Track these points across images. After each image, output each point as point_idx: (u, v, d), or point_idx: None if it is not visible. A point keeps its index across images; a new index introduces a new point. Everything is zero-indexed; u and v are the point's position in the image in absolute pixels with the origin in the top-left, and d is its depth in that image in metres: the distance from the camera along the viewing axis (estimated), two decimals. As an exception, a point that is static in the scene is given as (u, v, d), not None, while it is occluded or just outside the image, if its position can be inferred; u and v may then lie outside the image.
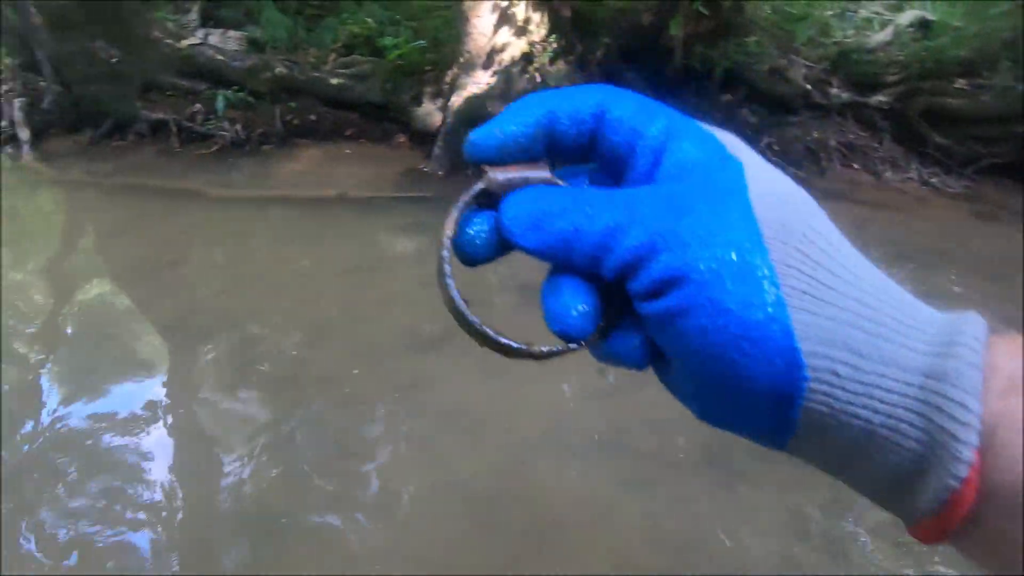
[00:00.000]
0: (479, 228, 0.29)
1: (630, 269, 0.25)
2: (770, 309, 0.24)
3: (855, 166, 5.28)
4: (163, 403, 2.34)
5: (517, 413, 2.28)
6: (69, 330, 2.86)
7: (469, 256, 0.30)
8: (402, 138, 5.53)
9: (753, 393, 0.24)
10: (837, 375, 0.24)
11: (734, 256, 0.24)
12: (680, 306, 0.24)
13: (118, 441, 2.12)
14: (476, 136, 0.30)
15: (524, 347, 0.29)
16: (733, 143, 0.28)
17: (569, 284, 0.28)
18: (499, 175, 0.29)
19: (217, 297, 3.10)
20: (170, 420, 2.25)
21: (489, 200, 0.30)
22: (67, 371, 2.57)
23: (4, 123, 5.77)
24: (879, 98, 5.44)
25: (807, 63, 5.54)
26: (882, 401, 0.24)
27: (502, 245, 0.30)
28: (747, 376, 0.24)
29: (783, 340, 0.24)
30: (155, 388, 2.43)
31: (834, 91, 5.49)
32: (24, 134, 5.59)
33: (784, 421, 0.25)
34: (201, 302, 3.06)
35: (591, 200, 0.27)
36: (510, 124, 0.29)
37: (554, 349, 0.29)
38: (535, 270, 0.32)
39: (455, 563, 1.73)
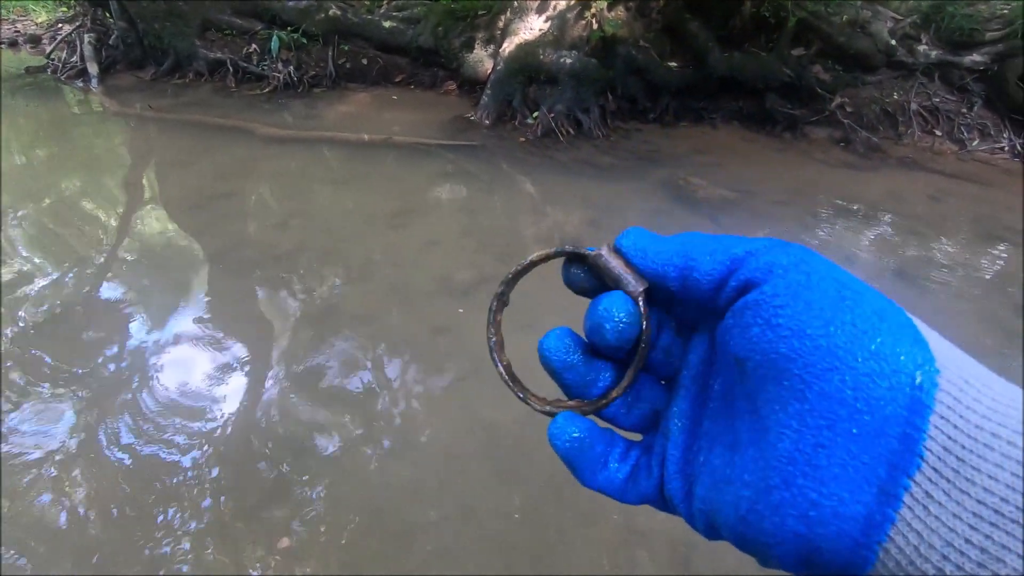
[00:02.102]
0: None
1: (742, 263, 0.24)
2: (886, 303, 0.22)
3: (937, 133, 4.85)
4: (205, 329, 2.43)
5: (545, 365, 2.26)
6: (127, 254, 3.01)
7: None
8: (451, 85, 5.43)
9: (865, 398, 0.20)
10: (968, 383, 0.20)
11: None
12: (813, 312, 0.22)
13: (162, 363, 2.23)
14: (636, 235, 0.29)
15: (543, 408, 0.32)
16: None
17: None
18: (611, 258, 0.29)
19: (263, 231, 3.17)
20: (210, 346, 2.35)
21: (582, 265, 0.31)
22: (122, 293, 2.70)
23: (75, 58, 5.99)
24: (973, 58, 4.92)
25: (894, 15, 5.04)
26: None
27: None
28: (863, 379, 0.20)
29: (913, 335, 0.21)
30: (199, 314, 2.53)
31: (922, 48, 4.99)
32: (93, 68, 5.80)
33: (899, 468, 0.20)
34: (248, 235, 3.14)
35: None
36: (650, 253, 0.29)
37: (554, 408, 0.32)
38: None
39: (473, 504, 1.75)
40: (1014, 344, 2.60)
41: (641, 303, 0.28)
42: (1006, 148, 4.72)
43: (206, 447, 1.90)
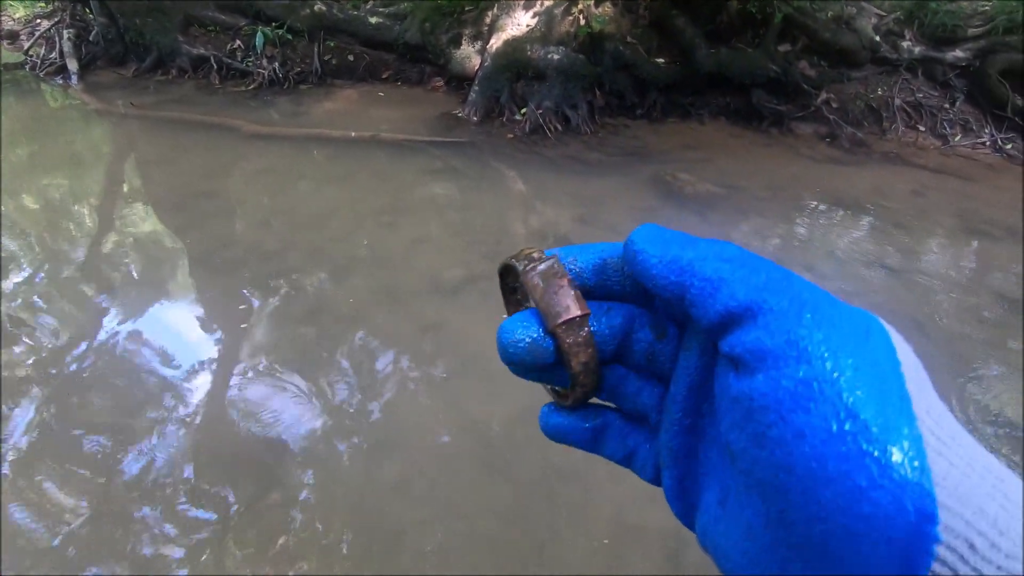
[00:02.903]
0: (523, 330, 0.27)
1: (742, 318, 0.22)
2: (906, 432, 0.19)
3: (921, 128, 4.90)
4: (189, 328, 2.40)
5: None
6: (108, 253, 2.96)
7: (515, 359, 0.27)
8: (438, 81, 5.40)
9: (856, 541, 0.19)
10: (973, 548, 0.18)
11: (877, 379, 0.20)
12: (804, 391, 0.20)
13: (145, 361, 2.20)
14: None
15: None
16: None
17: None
18: (541, 278, 0.26)
19: (248, 230, 3.14)
20: (194, 345, 2.32)
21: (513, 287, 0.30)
22: (104, 290, 2.66)
23: (54, 54, 5.88)
24: (956, 54, 4.99)
25: (878, 11, 5.09)
26: None
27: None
28: (856, 516, 0.18)
29: (917, 476, 0.18)
30: (185, 315, 2.50)
31: (906, 44, 5.04)
32: (73, 65, 5.69)
33: None
34: (233, 234, 3.10)
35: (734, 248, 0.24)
36: (591, 256, 0.28)
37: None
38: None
39: (461, 504, 1.74)
40: (997, 335, 2.64)
41: (562, 336, 0.25)
42: (987, 143, 4.78)
43: (191, 447, 1.88)
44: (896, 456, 0.18)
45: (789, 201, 3.84)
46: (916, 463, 0.18)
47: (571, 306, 0.25)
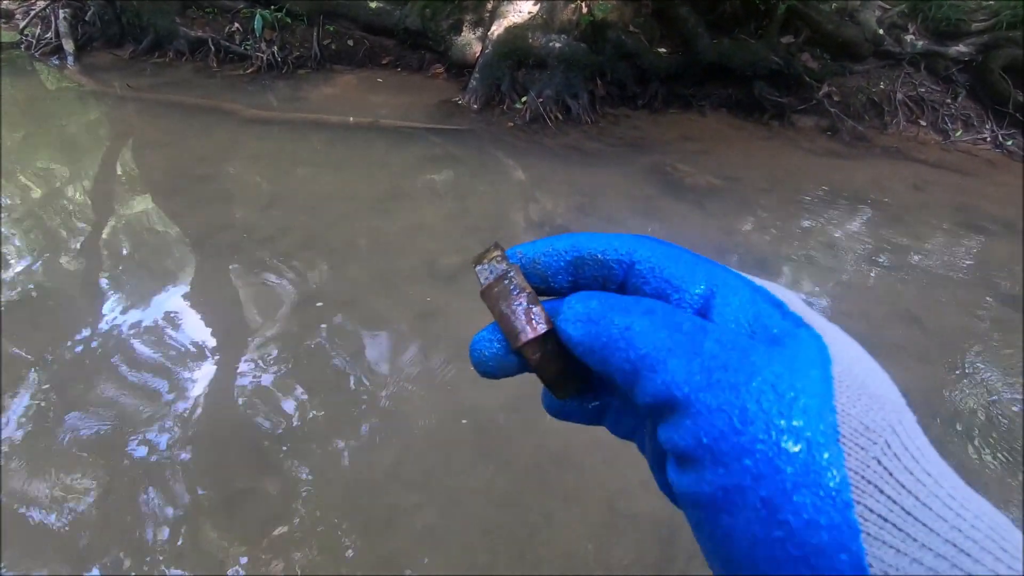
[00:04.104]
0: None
1: (666, 410, 0.22)
2: (839, 534, 0.19)
3: (922, 123, 4.89)
4: (187, 314, 2.39)
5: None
6: (104, 237, 2.94)
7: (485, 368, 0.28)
8: (438, 68, 5.35)
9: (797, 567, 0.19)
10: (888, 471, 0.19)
11: (798, 449, 0.19)
12: (723, 496, 0.20)
13: (140, 345, 2.19)
14: (507, 252, 0.28)
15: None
16: (800, 306, 0.23)
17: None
18: (500, 288, 0.26)
19: (246, 214, 3.12)
20: (190, 330, 2.31)
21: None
22: (98, 276, 2.65)
23: (49, 34, 5.81)
24: (959, 48, 4.96)
25: (882, 4, 5.05)
26: None
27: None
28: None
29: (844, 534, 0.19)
30: (180, 299, 2.49)
31: (909, 38, 5.02)
32: (68, 46, 5.63)
33: None
34: (230, 218, 3.09)
35: (658, 311, 0.23)
36: (540, 246, 0.28)
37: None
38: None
39: (456, 489, 1.75)
40: (994, 330, 2.64)
41: (529, 355, 0.25)
42: (988, 139, 4.77)
43: (185, 432, 1.87)
44: (828, 561, 0.19)
45: (789, 194, 3.83)
46: (847, 560, 0.18)
47: (529, 326, 0.25)
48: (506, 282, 0.26)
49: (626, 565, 1.59)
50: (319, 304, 2.45)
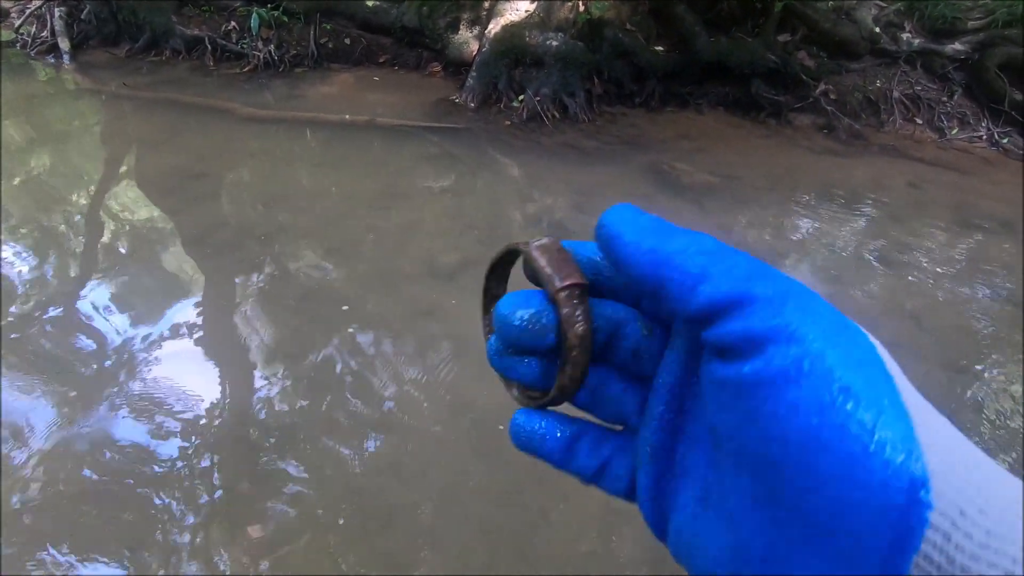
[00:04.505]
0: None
1: (723, 311, 0.22)
2: (894, 404, 0.19)
3: (918, 121, 4.90)
4: (185, 313, 2.39)
5: (529, 348, 2.26)
6: (101, 237, 2.93)
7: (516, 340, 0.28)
8: (436, 67, 5.35)
9: (851, 511, 0.18)
10: (964, 514, 0.18)
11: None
12: (794, 367, 0.20)
13: (137, 348, 2.19)
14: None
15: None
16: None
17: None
18: (541, 253, 0.27)
19: (243, 213, 3.11)
20: (189, 330, 2.31)
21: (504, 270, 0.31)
22: (96, 277, 2.64)
23: (45, 33, 5.79)
24: (955, 46, 4.97)
25: (879, 2, 5.06)
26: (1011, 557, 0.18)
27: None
28: (851, 483, 0.18)
29: (909, 444, 0.19)
30: (177, 298, 2.48)
31: (905, 36, 5.03)
32: (64, 44, 5.60)
33: None
34: (227, 217, 3.08)
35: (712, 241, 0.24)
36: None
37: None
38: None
39: (454, 486, 1.75)
40: (992, 327, 2.65)
41: (564, 302, 0.26)
42: (984, 137, 4.79)
43: (185, 431, 1.87)
44: (887, 424, 0.19)
45: (786, 192, 3.84)
46: (906, 432, 0.19)
47: (574, 273, 0.26)
48: (547, 240, 0.27)
49: (624, 564, 1.60)
50: (316, 301, 2.44)
